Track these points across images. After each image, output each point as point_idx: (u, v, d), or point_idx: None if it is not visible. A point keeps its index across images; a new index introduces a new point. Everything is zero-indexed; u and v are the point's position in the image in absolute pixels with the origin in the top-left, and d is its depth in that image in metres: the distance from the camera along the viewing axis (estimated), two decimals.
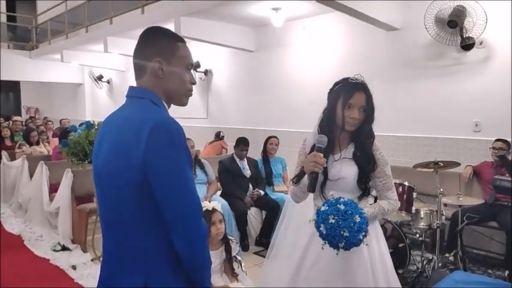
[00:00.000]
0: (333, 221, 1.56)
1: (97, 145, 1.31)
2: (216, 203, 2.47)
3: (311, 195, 1.83)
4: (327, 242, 1.59)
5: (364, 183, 1.79)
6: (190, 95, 1.33)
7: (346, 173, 1.78)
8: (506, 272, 3.39)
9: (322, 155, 1.68)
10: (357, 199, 1.79)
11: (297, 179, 1.84)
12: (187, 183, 1.15)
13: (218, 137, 6.94)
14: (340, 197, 1.64)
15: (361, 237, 1.56)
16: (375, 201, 1.94)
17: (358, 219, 1.56)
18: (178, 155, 1.14)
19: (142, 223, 1.17)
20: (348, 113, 1.74)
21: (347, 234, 1.54)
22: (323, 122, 1.85)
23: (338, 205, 1.59)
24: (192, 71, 1.35)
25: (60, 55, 9.58)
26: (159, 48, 1.26)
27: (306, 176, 1.77)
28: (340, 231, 1.55)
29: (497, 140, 3.96)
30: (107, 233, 1.28)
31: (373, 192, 1.92)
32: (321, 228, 1.59)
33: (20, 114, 13.48)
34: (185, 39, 1.33)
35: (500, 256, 3.88)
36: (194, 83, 1.33)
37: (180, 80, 1.28)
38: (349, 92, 1.75)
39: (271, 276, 2.13)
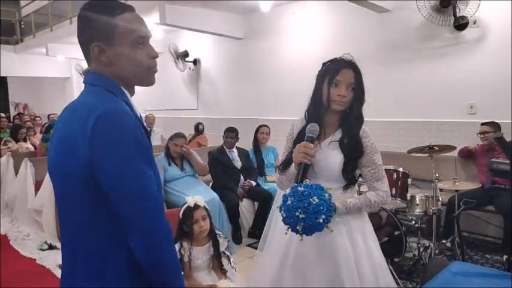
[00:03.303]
0: (290, 202, 1.47)
1: (51, 137, 1.19)
2: (200, 197, 2.33)
3: None
4: (289, 226, 1.50)
5: (350, 172, 1.67)
6: (154, 71, 1.15)
7: (331, 161, 1.67)
8: (505, 257, 3.32)
9: (312, 145, 1.58)
10: (342, 189, 1.68)
11: (283, 166, 1.74)
12: (139, 177, 1.01)
13: (197, 130, 6.61)
14: (308, 182, 1.54)
15: (321, 221, 1.45)
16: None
17: (315, 200, 1.44)
18: (126, 148, 1.00)
19: (96, 225, 1.04)
20: (335, 90, 1.63)
21: (303, 216, 1.43)
22: (310, 105, 1.73)
23: (298, 187, 1.49)
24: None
25: (45, 49, 9.33)
26: (95, 29, 1.08)
27: (293, 164, 1.66)
28: (295, 212, 1.44)
29: (484, 123, 3.86)
30: (63, 237, 1.14)
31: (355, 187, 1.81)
32: (281, 212, 1.50)
33: (8, 111, 13.22)
34: (134, 9, 1.13)
35: (498, 240, 3.81)
36: (155, 57, 1.14)
37: (132, 61, 1.09)
38: (335, 68, 1.64)
39: (261, 268, 2.04)
